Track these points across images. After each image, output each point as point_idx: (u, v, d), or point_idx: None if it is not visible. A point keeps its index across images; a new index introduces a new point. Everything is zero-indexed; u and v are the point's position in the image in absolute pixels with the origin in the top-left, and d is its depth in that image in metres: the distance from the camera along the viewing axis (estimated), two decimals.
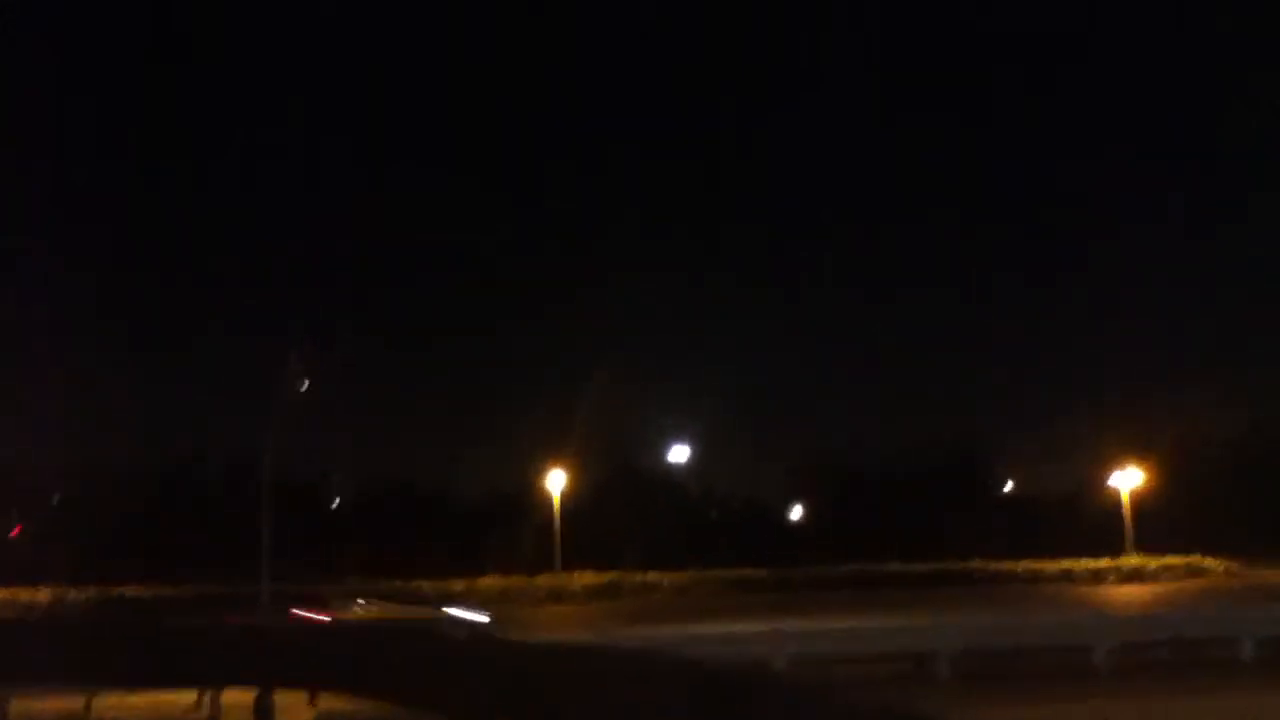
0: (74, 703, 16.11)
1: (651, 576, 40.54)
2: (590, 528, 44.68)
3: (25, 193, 61.98)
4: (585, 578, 40.50)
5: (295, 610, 23.94)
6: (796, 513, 60.35)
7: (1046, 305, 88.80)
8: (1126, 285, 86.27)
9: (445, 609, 26.01)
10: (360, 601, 25.47)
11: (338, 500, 58.90)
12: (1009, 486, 61.81)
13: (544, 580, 40.51)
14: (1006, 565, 42.48)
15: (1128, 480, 47.98)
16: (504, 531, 46.58)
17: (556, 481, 45.41)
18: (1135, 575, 42.66)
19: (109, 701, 16.04)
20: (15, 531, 57.27)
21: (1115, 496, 48.33)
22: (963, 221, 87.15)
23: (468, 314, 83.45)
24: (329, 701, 14.79)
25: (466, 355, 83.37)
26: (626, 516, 48.40)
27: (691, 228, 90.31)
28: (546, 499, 45.39)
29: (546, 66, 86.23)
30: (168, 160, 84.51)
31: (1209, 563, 43.20)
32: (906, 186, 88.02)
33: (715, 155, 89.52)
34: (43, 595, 35.99)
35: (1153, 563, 43.56)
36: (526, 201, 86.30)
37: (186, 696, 16.64)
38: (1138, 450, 48.98)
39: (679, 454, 55.21)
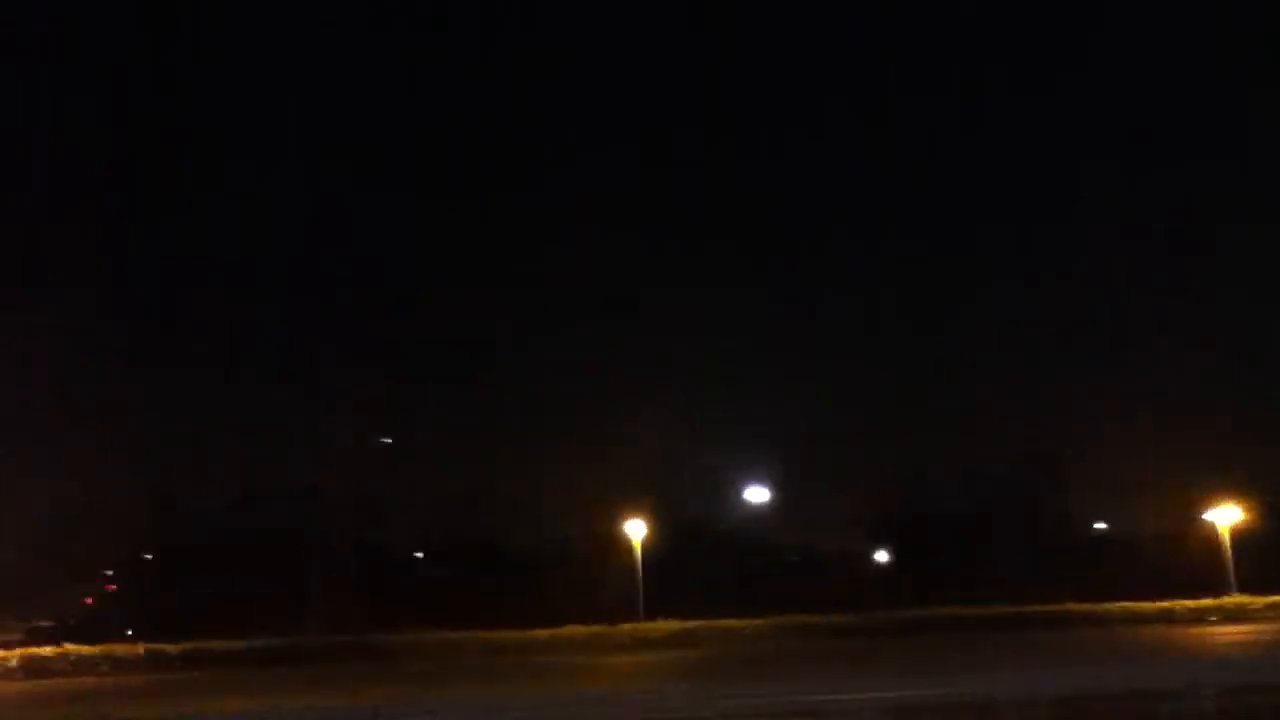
0: None
1: (735, 623, 39.96)
2: (669, 575, 44.30)
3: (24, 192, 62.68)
4: (668, 625, 40.07)
5: None
6: (882, 556, 59.34)
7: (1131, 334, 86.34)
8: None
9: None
10: None
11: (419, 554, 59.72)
12: (1101, 526, 60.15)
13: (628, 628, 40.13)
14: (1103, 607, 41.05)
15: (1225, 517, 46.17)
16: (582, 580, 46.48)
17: (636, 530, 45.12)
18: (1239, 615, 40.91)
19: None
20: (108, 589, 59.16)
21: (1211, 535, 46.52)
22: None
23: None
24: None
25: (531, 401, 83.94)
26: (705, 563, 47.99)
27: (698, 238, 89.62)
28: (626, 547, 45.17)
29: (546, 68, 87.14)
30: (168, 163, 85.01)
31: None
32: (906, 187, 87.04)
33: (716, 158, 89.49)
34: (139, 650, 36.14)
35: (1258, 601, 41.75)
36: (525, 201, 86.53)
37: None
38: (1232, 486, 47.25)
39: (756, 495, 54.70)
